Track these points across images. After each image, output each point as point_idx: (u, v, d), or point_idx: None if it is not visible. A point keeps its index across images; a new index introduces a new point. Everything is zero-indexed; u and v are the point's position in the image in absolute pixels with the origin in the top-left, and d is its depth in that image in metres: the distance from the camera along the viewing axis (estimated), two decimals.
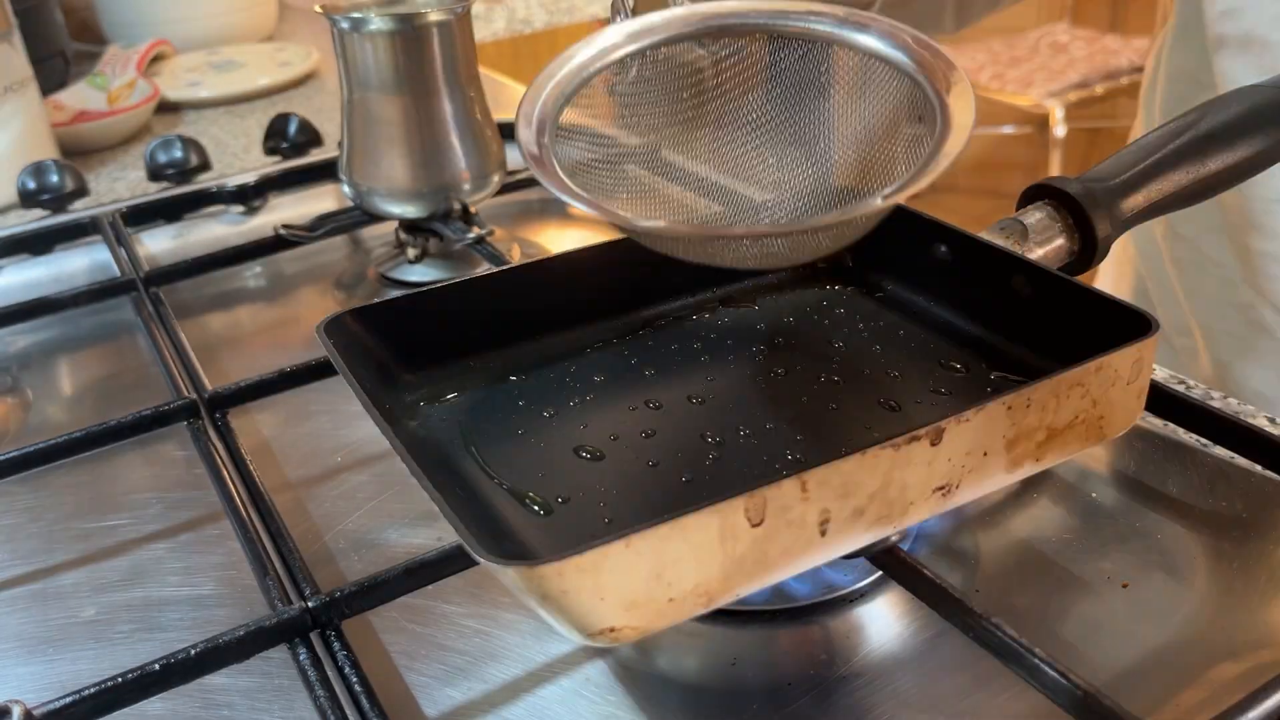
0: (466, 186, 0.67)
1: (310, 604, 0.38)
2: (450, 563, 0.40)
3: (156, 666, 0.36)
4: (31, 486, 0.51)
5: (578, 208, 0.40)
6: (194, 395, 0.52)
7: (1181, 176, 0.46)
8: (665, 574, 0.31)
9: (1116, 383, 0.38)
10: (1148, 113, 0.79)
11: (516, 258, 0.70)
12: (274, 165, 0.83)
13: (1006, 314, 0.46)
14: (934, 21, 0.76)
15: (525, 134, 0.43)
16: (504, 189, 0.72)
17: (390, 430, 0.37)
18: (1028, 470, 0.38)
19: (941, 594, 0.36)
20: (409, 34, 0.63)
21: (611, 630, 0.31)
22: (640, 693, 0.38)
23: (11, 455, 0.48)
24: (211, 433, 0.51)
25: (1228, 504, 0.44)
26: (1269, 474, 0.44)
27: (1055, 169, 2.41)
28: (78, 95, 1.00)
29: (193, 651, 0.36)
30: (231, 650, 0.37)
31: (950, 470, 0.35)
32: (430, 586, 0.40)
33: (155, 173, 0.81)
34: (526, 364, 0.48)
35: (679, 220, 0.47)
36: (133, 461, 0.53)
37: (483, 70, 0.76)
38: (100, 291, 0.65)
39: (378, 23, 0.62)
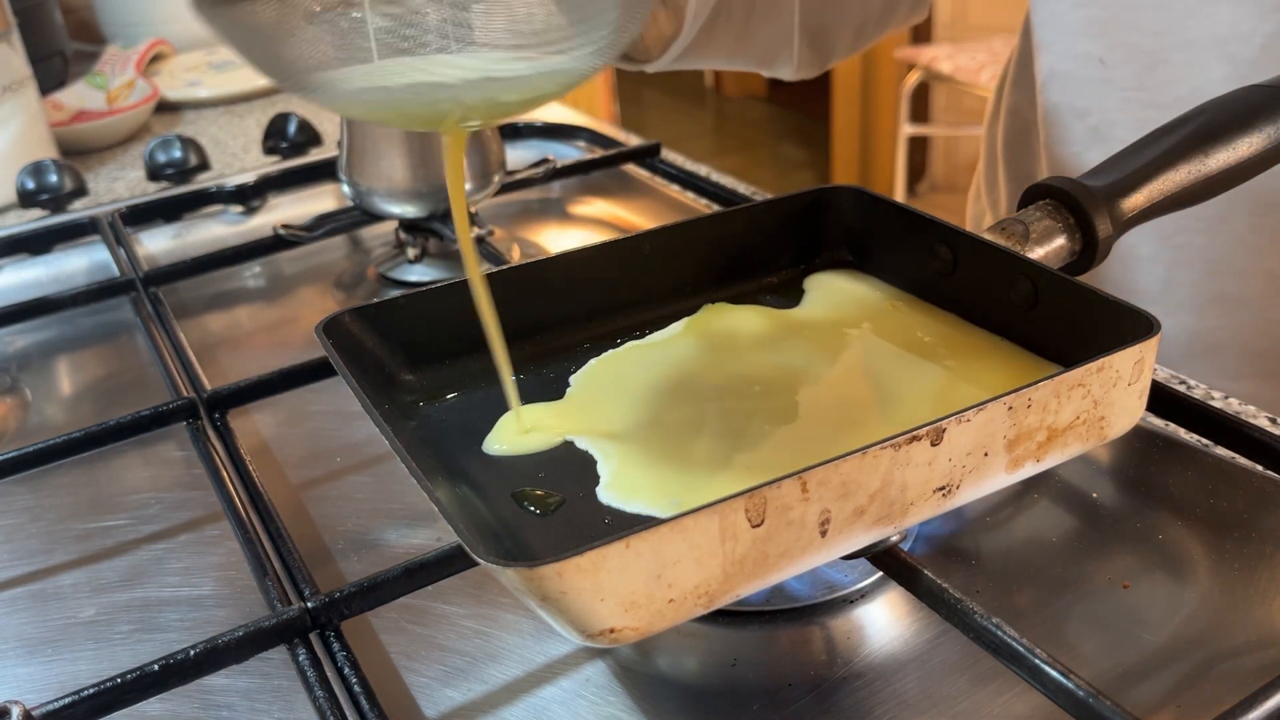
0: (466, 186, 0.67)
1: (309, 605, 0.38)
2: (450, 563, 0.40)
3: (156, 667, 0.36)
4: (30, 487, 0.51)
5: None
6: (193, 395, 0.52)
7: (1182, 176, 0.45)
8: (665, 574, 0.31)
9: (1118, 383, 0.38)
10: (989, 147, 0.77)
11: (516, 258, 0.70)
12: (273, 165, 0.83)
13: (1007, 314, 0.46)
14: (780, 60, 0.69)
15: None
16: (504, 189, 0.72)
17: (389, 430, 0.37)
18: (1029, 471, 0.38)
19: (942, 594, 0.36)
20: None
21: (611, 631, 0.31)
22: (640, 693, 0.38)
23: (10, 455, 0.48)
24: (211, 433, 0.51)
25: (1229, 504, 0.44)
26: (1270, 474, 0.44)
27: None
28: (77, 95, 1.00)
29: (192, 652, 0.36)
30: (231, 651, 0.37)
31: (951, 470, 0.35)
32: (430, 587, 0.40)
33: (154, 172, 0.81)
34: (526, 364, 0.48)
35: None
36: (132, 462, 0.53)
37: None
38: (99, 291, 0.65)
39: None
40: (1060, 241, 0.46)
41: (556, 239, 0.76)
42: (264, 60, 0.36)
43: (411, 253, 0.69)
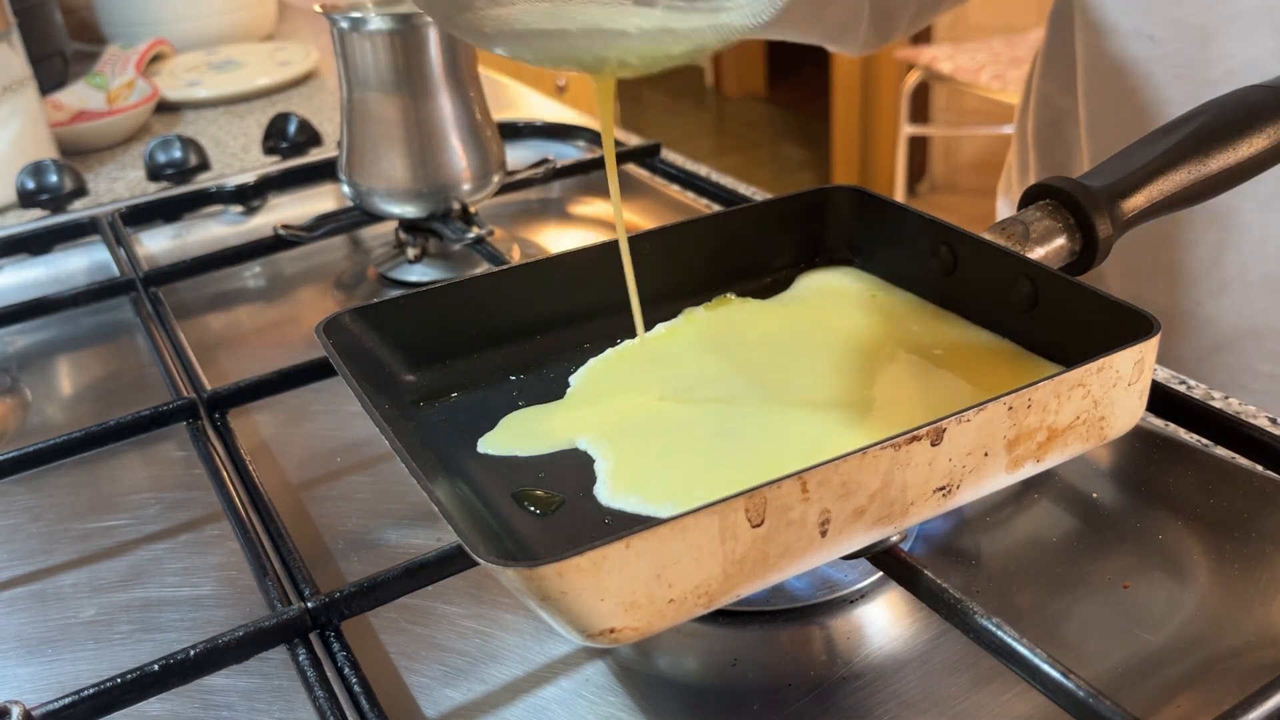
0: (466, 186, 0.67)
1: (309, 605, 0.38)
2: (450, 563, 0.40)
3: (156, 667, 0.36)
4: (30, 487, 0.51)
5: None
6: (193, 395, 0.52)
7: (1183, 176, 0.45)
8: (665, 574, 0.31)
9: (1118, 383, 0.38)
10: (1020, 139, 0.78)
11: (516, 258, 0.70)
12: (273, 165, 0.83)
13: (1007, 314, 0.46)
14: (849, 35, 0.71)
15: None
16: (504, 189, 0.72)
17: (389, 430, 0.37)
18: (1029, 471, 0.38)
19: (942, 594, 0.36)
20: (409, 34, 0.62)
21: (611, 631, 0.31)
22: (640, 693, 0.38)
23: (10, 456, 0.48)
24: (211, 433, 0.51)
25: (1228, 504, 0.44)
26: (1270, 474, 0.44)
27: None
28: (77, 95, 1.00)
29: (192, 652, 0.36)
30: (231, 651, 0.37)
31: (951, 470, 0.35)
32: (430, 587, 0.40)
33: (154, 173, 0.82)
34: (526, 364, 0.48)
35: None
36: (132, 462, 0.53)
37: (483, 70, 0.76)
38: (99, 291, 0.65)
39: (377, 22, 0.62)
40: (1060, 241, 0.46)
41: (556, 239, 0.76)
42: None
43: (411, 253, 0.69)
